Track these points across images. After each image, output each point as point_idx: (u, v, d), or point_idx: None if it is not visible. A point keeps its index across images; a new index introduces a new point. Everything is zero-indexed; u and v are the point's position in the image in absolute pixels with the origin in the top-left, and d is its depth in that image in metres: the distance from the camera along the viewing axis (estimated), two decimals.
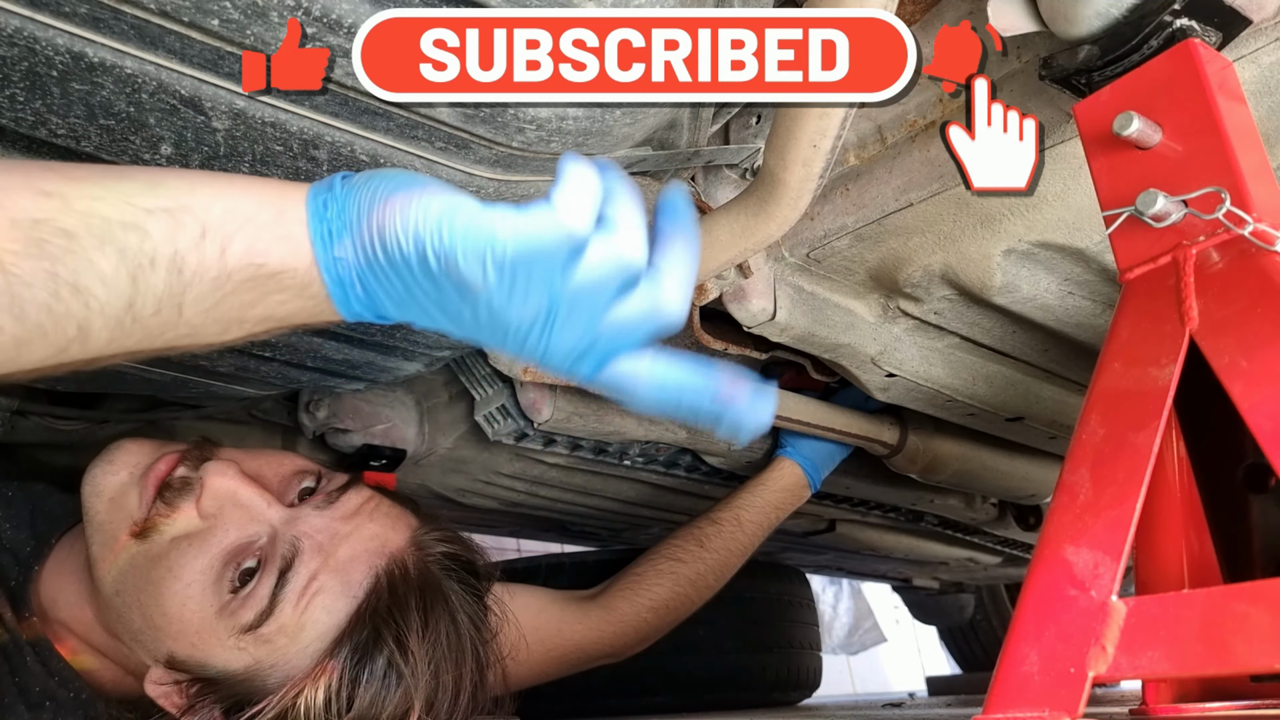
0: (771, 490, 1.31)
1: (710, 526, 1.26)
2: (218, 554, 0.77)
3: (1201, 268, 0.56)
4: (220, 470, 0.80)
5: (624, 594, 1.17)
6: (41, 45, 0.56)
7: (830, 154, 0.59)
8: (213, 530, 0.78)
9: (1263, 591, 0.46)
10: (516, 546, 3.48)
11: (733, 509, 1.28)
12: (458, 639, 0.80)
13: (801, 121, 0.57)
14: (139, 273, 0.45)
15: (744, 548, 1.28)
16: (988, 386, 1.15)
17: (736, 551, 1.26)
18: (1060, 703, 0.50)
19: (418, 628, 0.77)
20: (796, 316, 0.96)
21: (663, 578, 1.19)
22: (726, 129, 0.93)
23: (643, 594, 1.17)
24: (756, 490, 1.31)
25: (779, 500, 1.32)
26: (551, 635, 1.08)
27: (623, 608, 1.15)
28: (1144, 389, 0.56)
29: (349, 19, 0.55)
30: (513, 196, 0.78)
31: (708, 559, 1.23)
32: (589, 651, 1.12)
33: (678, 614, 1.20)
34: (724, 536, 1.25)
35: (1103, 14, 0.59)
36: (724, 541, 1.25)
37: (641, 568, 1.21)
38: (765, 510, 1.30)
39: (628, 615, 1.15)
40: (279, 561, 0.77)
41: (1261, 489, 0.62)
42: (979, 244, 0.84)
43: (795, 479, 1.33)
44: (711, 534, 1.25)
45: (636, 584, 1.18)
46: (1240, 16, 0.58)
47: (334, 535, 0.80)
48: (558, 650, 1.09)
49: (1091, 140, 0.62)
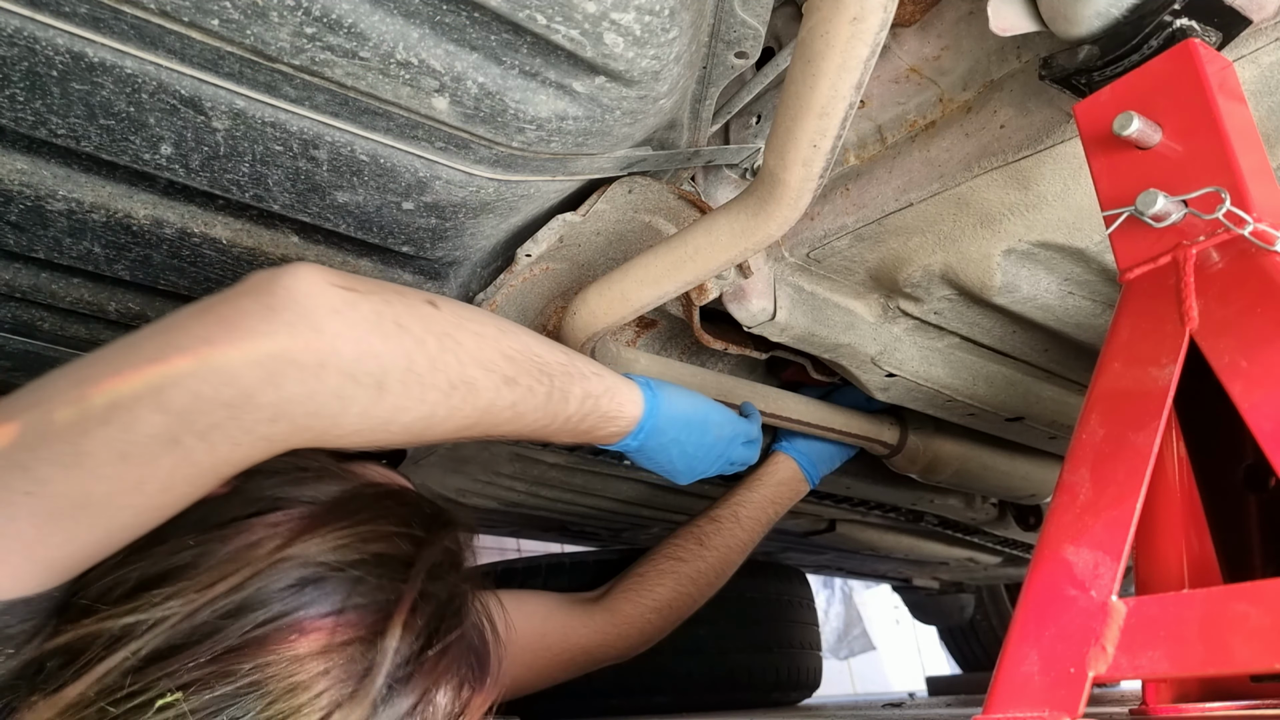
0: (768, 486, 1.31)
1: (709, 524, 1.26)
2: None
3: (1201, 268, 0.55)
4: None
5: (627, 596, 1.17)
6: (41, 45, 0.56)
7: (830, 154, 0.58)
8: None
9: (1263, 591, 0.46)
10: (516, 546, 3.48)
11: (730, 506, 1.29)
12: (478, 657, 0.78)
13: (801, 121, 0.57)
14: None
15: (744, 544, 1.28)
16: (988, 386, 1.15)
17: (736, 548, 1.27)
18: (1060, 703, 0.50)
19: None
20: (796, 316, 0.96)
21: (665, 578, 1.19)
22: (726, 129, 0.93)
23: (646, 595, 1.17)
24: (753, 486, 1.31)
25: (776, 495, 1.32)
26: (558, 640, 1.08)
27: (626, 609, 1.16)
28: (1144, 389, 0.56)
29: (349, 19, 0.56)
30: (512, 196, 0.78)
31: (709, 557, 1.23)
32: (594, 654, 1.12)
33: (681, 613, 1.21)
34: (723, 534, 1.25)
35: (1103, 14, 0.59)
36: (724, 539, 1.25)
37: (643, 568, 1.21)
38: (763, 506, 1.30)
39: (632, 617, 1.15)
40: None
41: (1261, 489, 0.62)
42: (979, 244, 0.84)
43: (791, 473, 1.33)
44: (711, 532, 1.25)
45: (639, 585, 1.18)
46: (1240, 16, 0.58)
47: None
48: (565, 655, 1.09)
49: (1091, 140, 0.62)
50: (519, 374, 0.75)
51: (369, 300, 0.66)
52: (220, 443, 0.60)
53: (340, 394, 0.63)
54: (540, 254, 0.89)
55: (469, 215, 0.78)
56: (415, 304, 0.69)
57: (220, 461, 0.61)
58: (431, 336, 0.68)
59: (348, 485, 0.73)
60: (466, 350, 0.71)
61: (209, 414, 0.59)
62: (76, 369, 0.59)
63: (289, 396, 0.61)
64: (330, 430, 0.65)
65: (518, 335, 0.76)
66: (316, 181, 0.71)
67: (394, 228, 0.78)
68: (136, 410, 0.57)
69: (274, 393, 0.60)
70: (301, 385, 0.61)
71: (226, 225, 0.77)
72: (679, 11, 0.59)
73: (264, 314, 0.61)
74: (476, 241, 0.85)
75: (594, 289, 0.81)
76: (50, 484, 0.55)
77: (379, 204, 0.74)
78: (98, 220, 0.73)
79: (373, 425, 0.67)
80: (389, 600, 0.66)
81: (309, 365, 0.62)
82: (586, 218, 0.87)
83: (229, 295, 0.62)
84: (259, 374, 0.59)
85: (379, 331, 0.65)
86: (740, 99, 0.84)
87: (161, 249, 0.78)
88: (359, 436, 0.68)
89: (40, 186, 0.69)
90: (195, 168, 0.68)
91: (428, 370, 0.68)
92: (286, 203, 0.73)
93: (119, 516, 0.59)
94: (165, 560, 0.62)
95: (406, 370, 0.67)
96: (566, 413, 0.81)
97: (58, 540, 0.57)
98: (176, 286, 0.83)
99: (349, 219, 0.76)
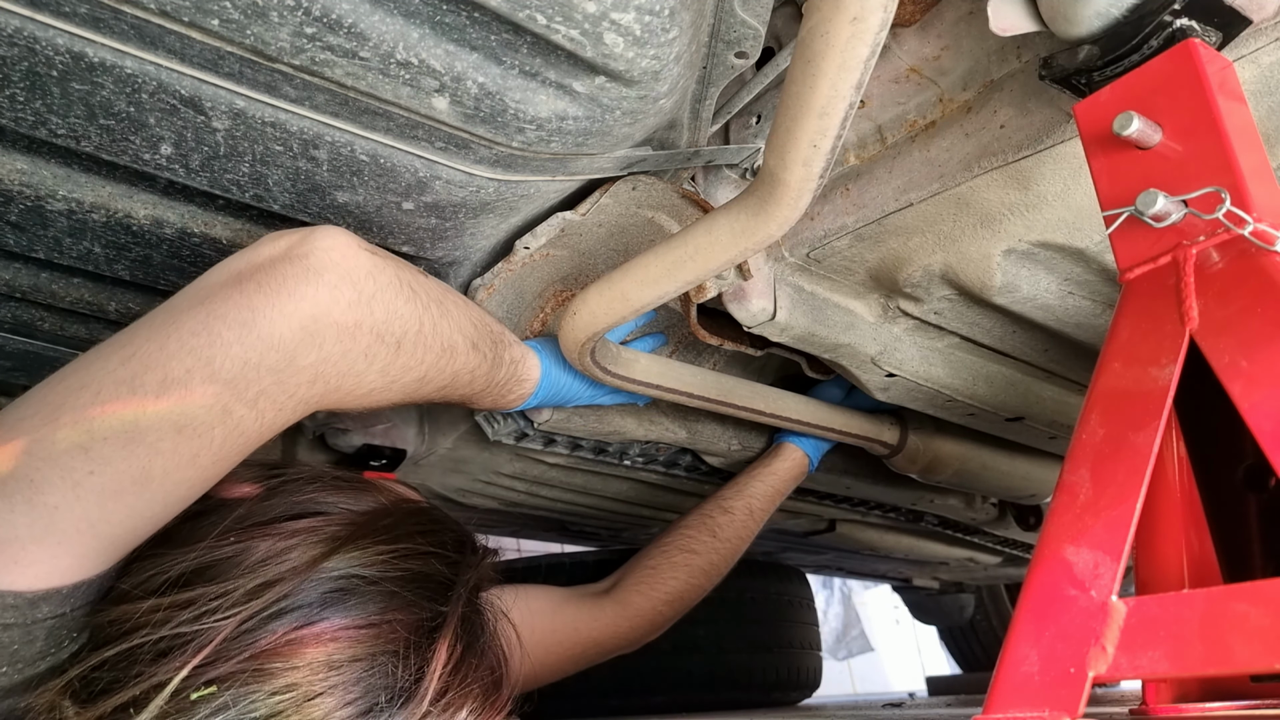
0: (780, 479, 1.32)
1: (723, 516, 1.25)
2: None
3: (1201, 268, 0.55)
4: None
5: (639, 588, 1.16)
6: (42, 45, 0.56)
7: (830, 154, 0.58)
8: None
9: (1263, 591, 0.46)
10: (516, 546, 3.48)
11: (744, 498, 1.28)
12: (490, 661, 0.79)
13: (801, 121, 0.56)
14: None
15: (752, 534, 1.28)
16: (988, 386, 1.14)
17: (746, 539, 1.27)
18: (1060, 703, 0.50)
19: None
20: (796, 316, 0.96)
21: (678, 570, 1.19)
22: (726, 129, 0.93)
23: (658, 587, 1.17)
24: (766, 479, 1.31)
25: (785, 488, 1.33)
26: (569, 634, 1.08)
27: (638, 601, 1.15)
28: (1144, 389, 0.56)
29: (349, 19, 0.55)
30: (512, 196, 0.78)
31: (721, 549, 1.22)
32: (605, 646, 1.12)
33: (690, 603, 1.20)
34: (736, 526, 1.25)
35: (1103, 14, 0.59)
36: (735, 530, 1.25)
37: (654, 559, 1.20)
38: (773, 498, 1.31)
39: (643, 609, 1.15)
40: None
41: (1261, 489, 0.62)
42: (979, 244, 0.84)
43: (801, 467, 1.35)
44: (724, 523, 1.24)
45: (651, 577, 1.18)
46: (1240, 16, 0.58)
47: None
48: (576, 648, 1.09)
49: (1091, 140, 0.62)
50: (479, 340, 0.81)
51: (391, 264, 0.70)
52: (267, 409, 0.63)
53: (368, 352, 0.68)
54: (538, 246, 0.89)
55: (469, 215, 0.78)
56: (417, 272, 0.74)
57: (265, 428, 0.64)
58: (434, 303, 0.74)
59: (383, 499, 0.75)
60: (453, 317, 0.77)
61: (257, 381, 0.61)
62: (120, 347, 0.60)
63: (327, 356, 0.65)
64: (354, 390, 0.69)
65: (475, 305, 0.83)
66: (316, 181, 0.71)
67: (394, 228, 0.78)
68: (189, 384, 0.58)
69: (315, 353, 0.64)
70: (339, 344, 0.65)
71: (227, 225, 0.77)
72: (679, 11, 0.59)
73: (306, 277, 0.63)
74: (476, 241, 0.85)
75: (594, 289, 0.81)
76: (112, 463, 0.56)
77: (379, 204, 0.74)
78: (98, 220, 0.73)
79: (386, 383, 0.72)
80: (424, 619, 0.68)
81: (347, 325, 0.65)
82: (587, 215, 0.87)
83: (259, 261, 0.64)
84: (302, 336, 0.62)
85: (401, 295, 0.70)
86: (740, 99, 0.84)
87: (162, 249, 0.78)
88: (371, 397, 0.72)
89: (40, 186, 0.69)
90: (195, 168, 0.68)
91: (431, 333, 0.74)
92: (287, 203, 0.73)
93: (175, 490, 0.61)
94: (207, 554, 0.64)
95: (419, 332, 0.72)
96: (498, 377, 0.86)
97: (119, 517, 0.58)
98: (177, 286, 0.83)
99: (349, 219, 0.76)
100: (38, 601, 0.55)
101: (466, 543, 0.77)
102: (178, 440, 0.58)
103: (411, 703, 0.64)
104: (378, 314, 0.67)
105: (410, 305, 0.71)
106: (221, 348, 0.59)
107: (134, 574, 0.63)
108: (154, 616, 0.60)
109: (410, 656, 0.65)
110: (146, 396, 0.57)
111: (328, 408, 0.69)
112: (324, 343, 0.64)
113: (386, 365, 0.70)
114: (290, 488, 0.72)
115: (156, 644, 0.59)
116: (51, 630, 0.57)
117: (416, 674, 0.65)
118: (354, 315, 0.65)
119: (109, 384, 0.57)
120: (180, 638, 0.59)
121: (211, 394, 0.59)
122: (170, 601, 0.61)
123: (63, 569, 0.56)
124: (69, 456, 0.55)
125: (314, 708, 0.60)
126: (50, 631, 0.57)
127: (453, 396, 0.83)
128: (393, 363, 0.71)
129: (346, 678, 0.62)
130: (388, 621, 0.65)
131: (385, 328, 0.68)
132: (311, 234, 0.66)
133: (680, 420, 1.29)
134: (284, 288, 0.62)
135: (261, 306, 0.61)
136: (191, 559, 0.63)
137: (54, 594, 0.56)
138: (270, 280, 0.62)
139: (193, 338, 0.59)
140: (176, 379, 0.58)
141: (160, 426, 0.57)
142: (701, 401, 1.05)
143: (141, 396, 0.57)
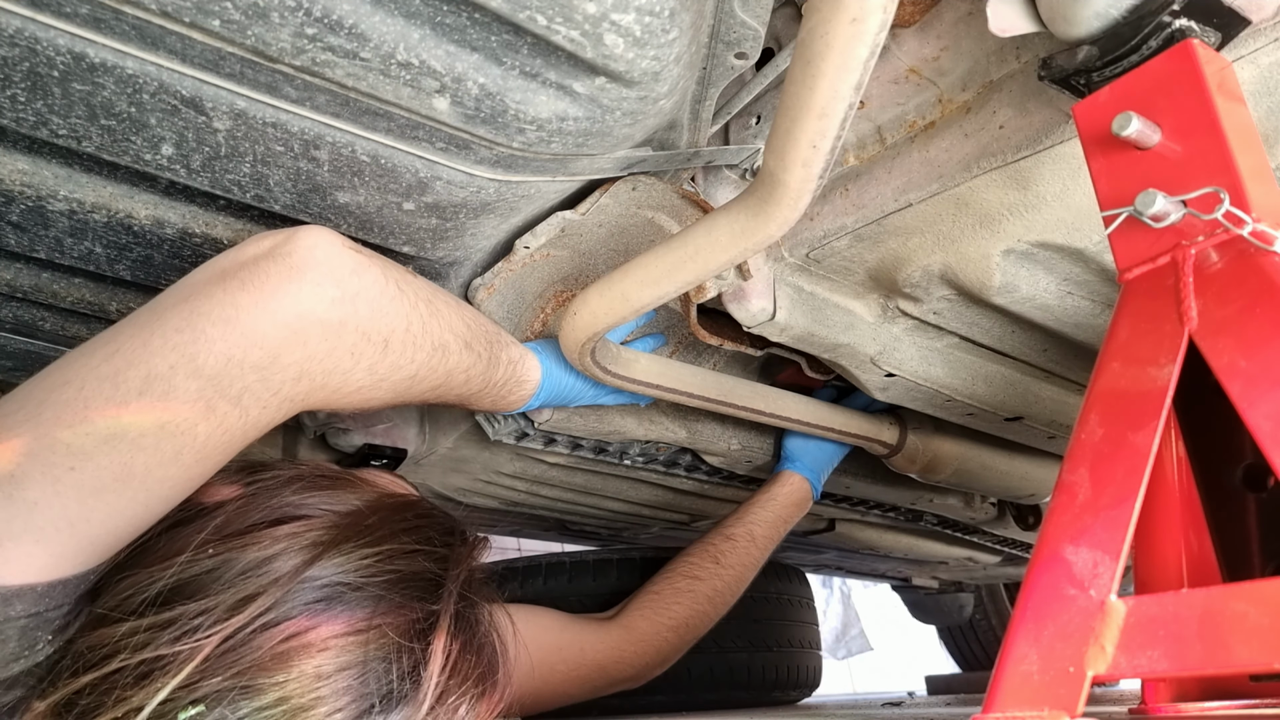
0: (781, 505, 1.33)
1: (725, 543, 1.26)
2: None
3: (1201, 268, 0.56)
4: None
5: (643, 613, 1.16)
6: (43, 46, 0.56)
7: (830, 154, 0.58)
8: None
9: (1263, 591, 0.46)
10: (517, 546, 3.48)
11: (745, 525, 1.29)
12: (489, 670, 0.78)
13: (801, 122, 0.57)
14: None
15: (756, 562, 1.29)
16: (987, 386, 1.15)
17: (750, 566, 1.28)
18: (1059, 702, 0.50)
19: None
20: (796, 316, 0.96)
21: (682, 596, 1.19)
22: (726, 129, 0.93)
23: (662, 613, 1.17)
24: (767, 505, 1.32)
25: (788, 515, 1.34)
26: (574, 656, 1.07)
27: (643, 627, 1.15)
28: (1143, 389, 0.56)
29: (350, 20, 0.56)
30: (513, 196, 0.78)
31: (725, 575, 1.23)
32: (610, 672, 1.11)
33: (697, 631, 1.20)
34: (739, 552, 1.26)
35: (1102, 14, 0.59)
36: (739, 557, 1.26)
37: (659, 586, 1.20)
38: (775, 525, 1.32)
39: (648, 634, 1.15)
40: None
41: (1260, 489, 0.62)
42: (978, 244, 0.84)
43: (803, 493, 1.36)
44: (727, 550, 1.25)
45: (655, 603, 1.18)
46: (1239, 17, 0.58)
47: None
48: (580, 671, 1.08)
49: (1090, 140, 0.62)
50: (473, 339, 0.81)
51: (376, 263, 0.70)
52: (251, 406, 0.62)
53: (354, 350, 0.68)
54: (538, 246, 0.89)
55: (470, 216, 0.79)
56: (404, 271, 0.75)
57: (251, 426, 0.63)
58: (422, 302, 0.74)
59: (365, 496, 0.74)
60: (443, 316, 0.77)
61: (241, 378, 0.61)
62: (104, 344, 0.60)
63: (312, 354, 0.65)
64: (341, 388, 0.69)
65: (467, 305, 0.84)
66: (317, 182, 0.71)
67: (395, 228, 0.78)
68: (173, 380, 0.58)
69: (299, 350, 0.64)
70: (324, 342, 0.65)
71: (228, 226, 0.77)
72: (679, 12, 0.59)
73: (290, 275, 0.63)
74: (477, 242, 0.85)
75: (594, 290, 0.81)
76: (93, 459, 0.56)
77: (380, 204, 0.75)
78: (99, 220, 0.73)
79: (374, 381, 0.72)
80: (414, 620, 0.67)
81: (331, 323, 0.65)
82: (587, 215, 0.87)
83: (244, 259, 0.64)
84: (285, 334, 0.62)
85: (387, 293, 0.70)
86: (740, 99, 0.84)
87: (163, 249, 0.78)
88: (359, 395, 0.72)
89: (42, 187, 0.69)
90: (196, 168, 0.68)
91: (420, 332, 0.74)
92: (288, 203, 0.73)
93: (158, 489, 0.60)
94: (186, 569, 0.62)
95: (406, 330, 0.72)
96: (495, 377, 0.87)
97: (100, 516, 0.57)
98: None
99: (350, 219, 0.76)
100: (10, 598, 0.54)
101: (454, 534, 0.76)
102: (160, 437, 0.58)
103: (408, 706, 0.63)
104: (362, 311, 0.67)
105: (396, 303, 0.71)
106: (205, 344, 0.59)
107: (112, 594, 0.62)
108: (133, 639, 0.59)
109: (402, 659, 0.64)
110: (129, 393, 0.57)
111: (318, 406, 0.69)
112: (308, 340, 0.64)
113: (374, 363, 0.70)
114: (269, 490, 0.70)
115: (136, 668, 0.58)
116: (25, 630, 0.56)
117: (411, 676, 0.64)
118: (338, 312, 0.66)
119: (92, 380, 0.57)
120: (161, 660, 0.58)
121: (194, 390, 0.59)
122: (150, 623, 0.59)
123: (39, 566, 0.55)
124: (50, 452, 0.55)
125: (306, 719, 0.59)
126: (23, 631, 0.56)
127: (449, 397, 0.83)
128: (380, 361, 0.71)
129: (337, 686, 0.61)
130: (376, 626, 0.64)
131: (371, 325, 0.68)
132: (296, 233, 0.66)
133: (680, 420, 1.29)
134: (267, 285, 0.62)
135: (245, 304, 0.61)
136: (170, 575, 0.62)
137: (28, 591, 0.55)
138: (254, 278, 0.62)
139: (176, 334, 0.59)
140: (159, 375, 0.58)
141: (143, 422, 0.57)
142: (701, 401, 1.05)
143: (124, 392, 0.57)
